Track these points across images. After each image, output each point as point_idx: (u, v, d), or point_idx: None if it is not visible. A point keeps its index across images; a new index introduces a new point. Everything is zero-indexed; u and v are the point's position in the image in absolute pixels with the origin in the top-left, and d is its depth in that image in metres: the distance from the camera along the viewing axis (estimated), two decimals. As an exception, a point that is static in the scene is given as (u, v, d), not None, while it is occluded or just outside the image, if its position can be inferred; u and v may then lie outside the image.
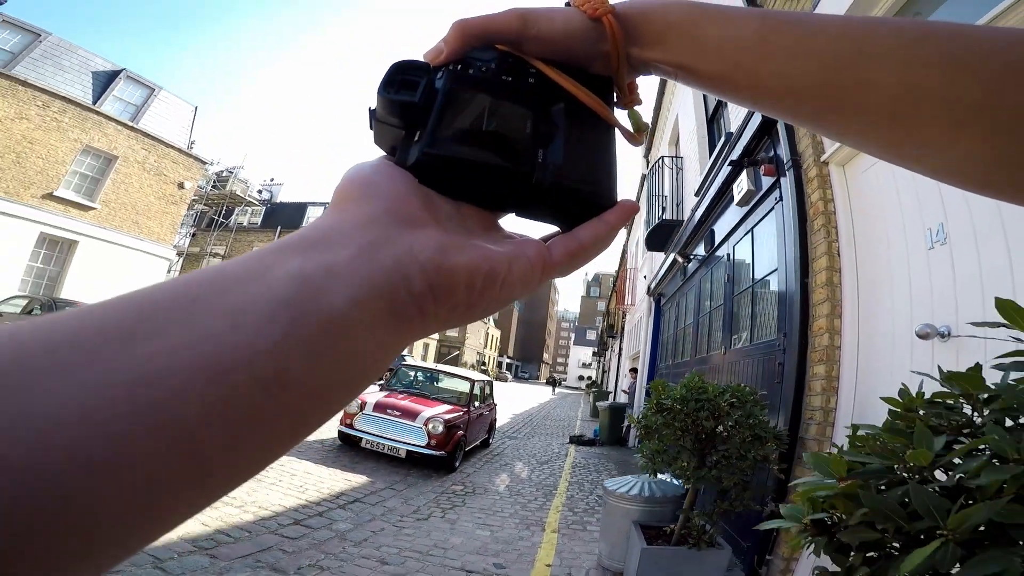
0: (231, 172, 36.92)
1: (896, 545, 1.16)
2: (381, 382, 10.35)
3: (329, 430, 10.21)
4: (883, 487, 1.23)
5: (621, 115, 0.42)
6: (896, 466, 1.22)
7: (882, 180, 3.94)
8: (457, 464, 9.01)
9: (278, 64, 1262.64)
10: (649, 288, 15.54)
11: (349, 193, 0.30)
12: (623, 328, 24.93)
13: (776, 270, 5.53)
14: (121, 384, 0.19)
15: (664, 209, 12.13)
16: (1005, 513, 0.95)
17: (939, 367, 1.32)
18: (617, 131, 0.40)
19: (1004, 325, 1.15)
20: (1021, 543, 0.96)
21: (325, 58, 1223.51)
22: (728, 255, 7.67)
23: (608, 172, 0.38)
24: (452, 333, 65.09)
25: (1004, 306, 1.12)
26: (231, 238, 36.71)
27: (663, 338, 14.15)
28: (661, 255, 13.17)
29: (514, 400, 29.02)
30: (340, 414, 8.82)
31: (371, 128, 0.37)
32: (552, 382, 70.09)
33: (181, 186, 23.80)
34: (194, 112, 25.18)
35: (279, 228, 36.24)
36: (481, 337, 79.00)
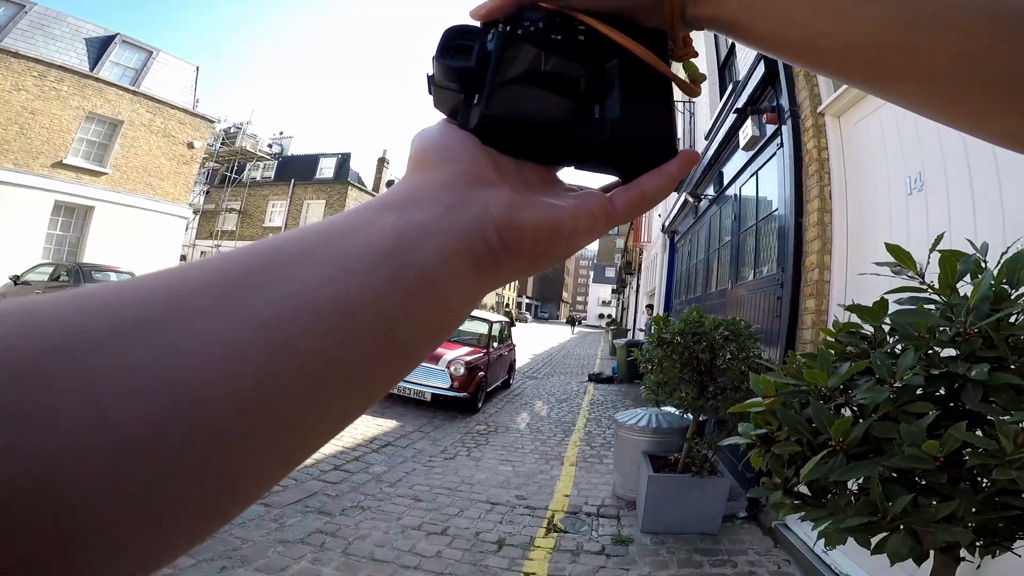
0: (239, 128, 36.68)
1: (806, 451, 1.38)
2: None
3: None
4: (803, 405, 1.44)
5: (676, 67, 0.41)
6: (811, 387, 1.42)
7: (872, 130, 4.15)
8: (480, 405, 9.41)
9: (277, 17, 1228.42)
10: (663, 226, 15.68)
11: (426, 158, 0.32)
12: (640, 265, 25.05)
13: (776, 210, 5.80)
14: (263, 322, 0.21)
15: None
16: (877, 428, 1.22)
17: (852, 301, 1.52)
18: (673, 83, 0.39)
19: (899, 265, 1.38)
20: (888, 454, 1.22)
21: (325, 5, 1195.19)
22: (736, 195, 7.91)
23: (667, 124, 0.38)
24: (470, 277, 65.30)
25: (894, 250, 1.35)
26: (245, 193, 36.68)
27: (677, 274, 14.48)
28: (674, 194, 13.31)
29: (534, 341, 29.47)
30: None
31: (430, 93, 0.38)
32: (571, 321, 68.79)
33: (191, 146, 23.67)
34: (196, 72, 24.83)
35: (292, 181, 36.11)
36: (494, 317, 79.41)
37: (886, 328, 1.45)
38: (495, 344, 10.83)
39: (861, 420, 1.29)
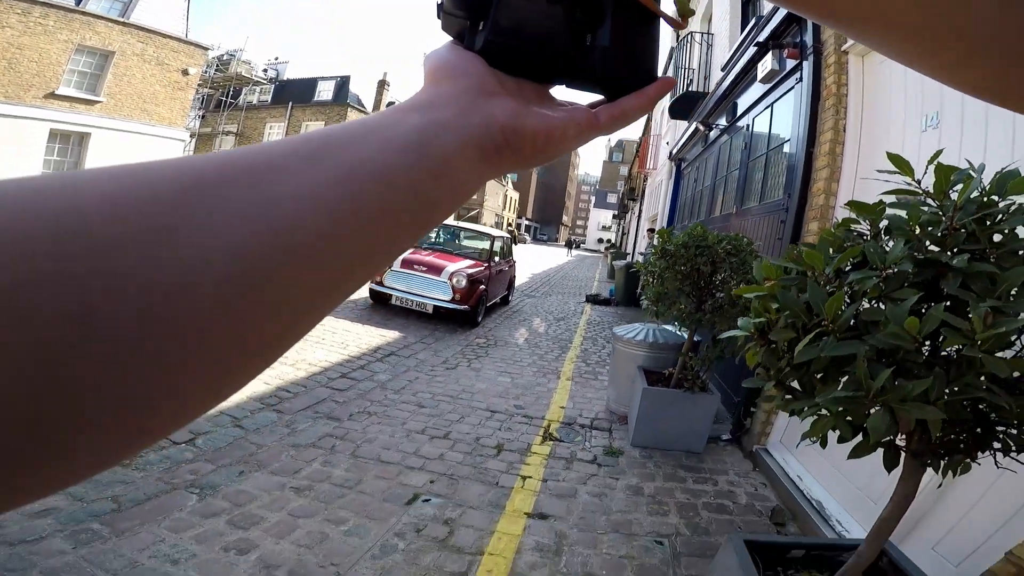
0: (232, 55, 36.03)
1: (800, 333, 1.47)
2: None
3: (360, 291, 10.84)
4: (801, 291, 1.53)
5: (668, 3, 0.43)
6: (809, 272, 1.52)
7: (894, 71, 4.17)
8: (480, 319, 9.60)
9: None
10: (671, 153, 15.54)
11: (441, 73, 0.37)
12: (644, 191, 24.94)
13: (788, 140, 5.84)
14: (328, 182, 0.26)
15: (691, 82, 12.25)
16: (866, 313, 1.33)
17: (851, 200, 1.59)
18: (660, 18, 0.42)
19: (898, 172, 1.47)
20: (872, 333, 1.31)
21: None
22: (748, 126, 7.91)
23: (650, 55, 0.42)
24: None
25: (895, 158, 1.41)
26: (242, 116, 36.31)
27: (681, 200, 14.47)
28: (684, 123, 13.31)
29: (533, 261, 29.63)
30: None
31: (439, 18, 0.42)
32: (569, 244, 67.94)
33: (185, 72, 23.17)
34: (187, 1, 24.12)
35: (291, 104, 35.53)
36: (500, 199, 78.02)
37: (881, 227, 1.53)
38: (496, 259, 10.90)
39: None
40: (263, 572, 2.55)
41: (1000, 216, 1.34)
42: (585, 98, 0.44)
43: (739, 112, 8.42)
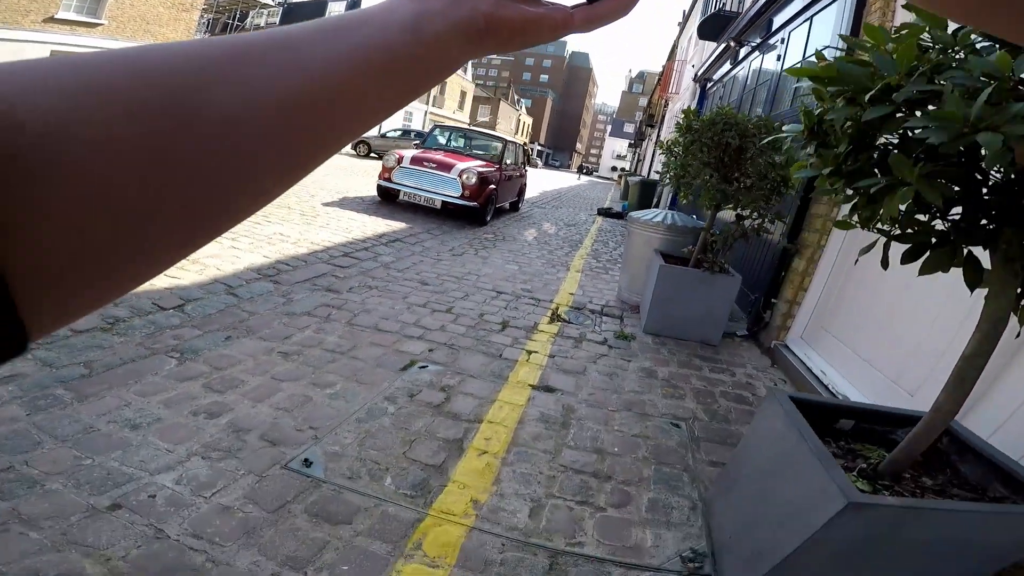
0: None
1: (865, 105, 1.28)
2: (417, 141, 10.36)
3: (368, 188, 10.45)
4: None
5: None
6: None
7: None
8: (488, 219, 9.26)
9: None
10: (696, 75, 15.02)
11: None
12: (664, 117, 24.23)
13: (826, 48, 5.33)
14: (345, 50, 0.30)
15: (725, 3, 12.05)
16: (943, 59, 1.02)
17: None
18: None
19: None
20: None
21: None
22: (783, 39, 7.58)
23: None
24: (483, 118, 63.08)
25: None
26: None
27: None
28: (711, 46, 12.97)
29: (544, 182, 29.01)
30: (380, 170, 9.00)
31: None
32: (581, 170, 66.11)
33: None
34: None
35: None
36: (512, 123, 76.66)
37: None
38: (508, 162, 10.54)
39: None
40: (230, 436, 2.24)
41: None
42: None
43: (774, 27, 8.12)
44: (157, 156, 0.22)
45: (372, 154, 21.32)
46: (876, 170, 1.41)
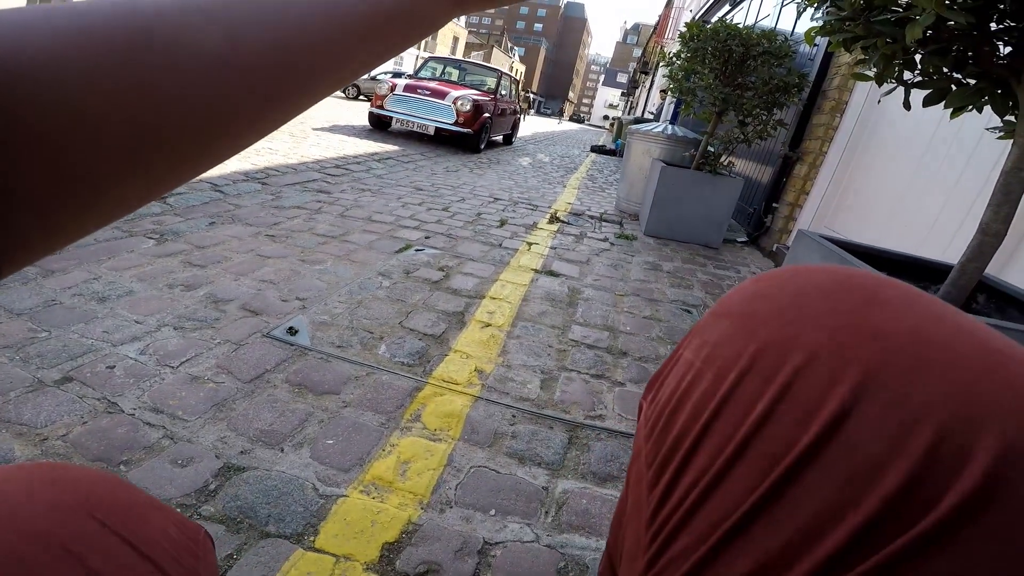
0: None
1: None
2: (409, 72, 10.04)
3: (359, 116, 10.07)
4: None
5: None
6: None
7: None
8: (482, 147, 8.94)
9: None
10: (694, 19, 14.60)
11: None
12: (658, 64, 23.82)
13: None
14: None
15: None
16: None
17: None
18: None
19: None
20: None
21: None
22: None
23: None
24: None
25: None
26: None
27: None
28: None
29: (535, 126, 28.44)
30: (372, 98, 8.65)
31: None
32: (573, 118, 65.06)
33: None
34: None
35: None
36: (505, 69, 75.61)
37: None
38: (503, 94, 10.16)
39: None
40: (208, 306, 1.98)
41: None
42: None
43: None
44: (145, 92, 0.22)
45: (361, 96, 20.75)
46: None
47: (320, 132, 7.26)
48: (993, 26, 1.34)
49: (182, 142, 0.23)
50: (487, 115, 8.80)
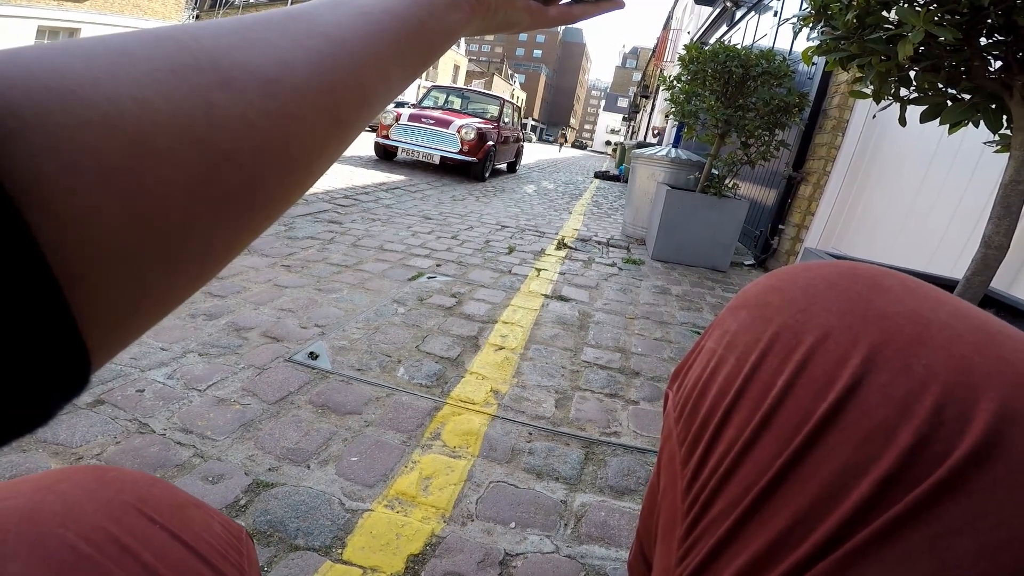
0: None
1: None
2: (413, 102, 10.25)
3: (365, 147, 10.23)
4: None
5: None
6: None
7: None
8: (486, 176, 9.06)
9: None
10: (691, 40, 14.88)
11: None
12: (658, 89, 24.11)
13: None
14: (353, 16, 0.29)
15: None
16: None
17: None
18: None
19: None
20: None
21: None
22: None
23: None
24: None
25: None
26: (239, 13, 35.12)
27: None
28: (707, 11, 13.24)
29: (538, 153, 28.73)
30: (377, 128, 8.81)
31: None
32: (575, 144, 65.09)
33: None
34: None
35: (289, 0, 34.37)
36: (507, 96, 76.30)
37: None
38: (506, 121, 10.32)
39: None
40: (230, 334, 2.06)
41: None
42: None
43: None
44: (207, 110, 0.20)
45: (366, 126, 21.12)
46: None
47: (327, 164, 7.38)
48: (983, 41, 1.41)
49: (257, 166, 0.22)
50: (491, 143, 8.94)
